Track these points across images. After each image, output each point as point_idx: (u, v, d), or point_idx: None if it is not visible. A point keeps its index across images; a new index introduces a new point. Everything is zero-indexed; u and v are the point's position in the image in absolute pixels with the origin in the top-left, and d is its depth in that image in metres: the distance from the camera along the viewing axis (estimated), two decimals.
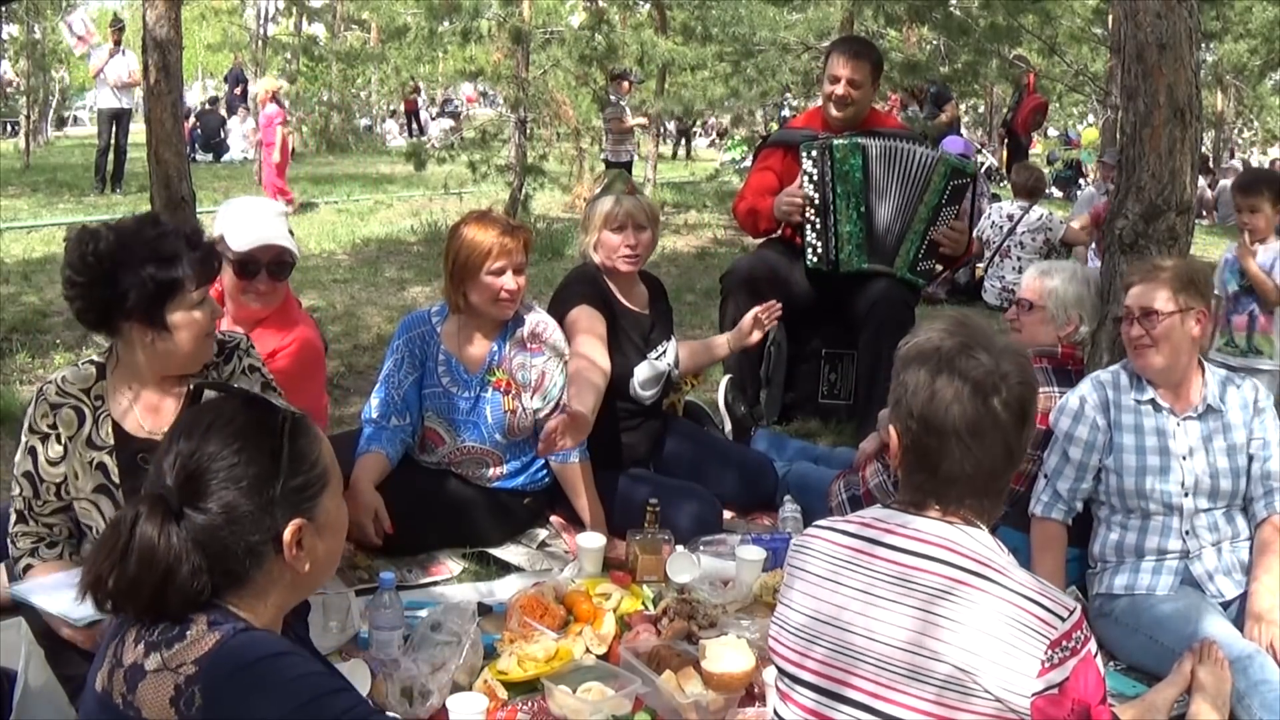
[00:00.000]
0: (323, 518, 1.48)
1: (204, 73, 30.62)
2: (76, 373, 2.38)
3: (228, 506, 1.39)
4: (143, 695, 1.33)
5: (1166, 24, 3.19)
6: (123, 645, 1.39)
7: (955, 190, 4.20)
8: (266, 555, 1.43)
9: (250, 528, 1.40)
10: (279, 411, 1.48)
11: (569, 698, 2.39)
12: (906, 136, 4.42)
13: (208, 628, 1.36)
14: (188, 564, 1.37)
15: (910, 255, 4.24)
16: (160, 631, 1.36)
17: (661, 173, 14.96)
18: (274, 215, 3.08)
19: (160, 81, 4.38)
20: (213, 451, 1.41)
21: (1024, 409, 1.70)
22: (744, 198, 4.62)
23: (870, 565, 1.70)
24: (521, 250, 3.25)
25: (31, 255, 7.88)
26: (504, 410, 3.26)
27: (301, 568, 1.45)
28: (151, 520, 1.38)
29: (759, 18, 13.19)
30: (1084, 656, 1.59)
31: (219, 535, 1.39)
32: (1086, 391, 2.87)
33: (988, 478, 1.70)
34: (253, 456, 1.42)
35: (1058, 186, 17.09)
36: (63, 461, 2.34)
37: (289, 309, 3.14)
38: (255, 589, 1.43)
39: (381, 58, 15.00)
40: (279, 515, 1.42)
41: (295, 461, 1.45)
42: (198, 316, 2.28)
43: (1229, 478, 2.76)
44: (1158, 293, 2.76)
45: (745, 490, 3.69)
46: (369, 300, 7.01)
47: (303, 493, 1.46)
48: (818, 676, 1.72)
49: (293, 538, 1.43)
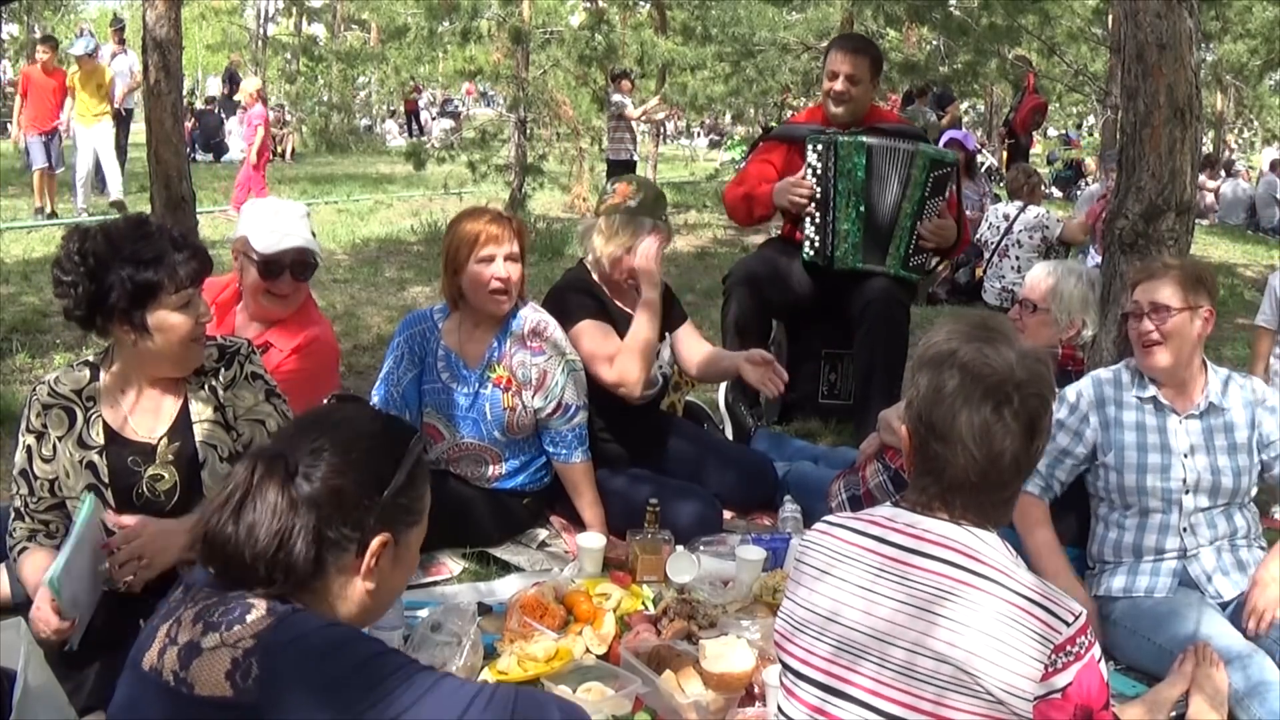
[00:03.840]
0: (404, 548, 1.52)
1: (204, 73, 30.63)
2: (69, 374, 2.40)
3: (337, 490, 1.43)
4: (196, 671, 1.35)
5: (1166, 24, 3.19)
6: (178, 626, 1.40)
7: (937, 181, 4.18)
8: (346, 556, 1.45)
9: (348, 517, 1.44)
10: (415, 433, 1.55)
11: (569, 698, 2.39)
12: (906, 134, 4.41)
13: (267, 612, 1.38)
14: (301, 524, 1.41)
15: (901, 252, 4.23)
16: (221, 613, 1.38)
17: (661, 173, 14.96)
18: (297, 217, 3.10)
19: (160, 81, 4.38)
20: (341, 438, 1.46)
21: (1033, 421, 1.66)
22: (739, 184, 4.59)
23: (873, 562, 1.70)
24: (511, 238, 3.22)
25: (31, 255, 7.89)
26: (504, 407, 3.26)
27: (369, 583, 1.47)
28: (273, 474, 1.42)
29: (759, 18, 13.22)
30: (1087, 662, 1.58)
31: (320, 512, 1.42)
32: (1084, 387, 2.87)
33: (994, 487, 1.68)
34: (376, 457, 1.48)
35: (1058, 186, 17.10)
36: (54, 460, 2.36)
37: (306, 308, 3.15)
38: (319, 593, 1.45)
39: (381, 58, 15.01)
40: (376, 521, 1.46)
41: (410, 481, 1.51)
42: (176, 320, 2.27)
43: (1230, 475, 2.76)
44: (1167, 289, 2.75)
45: (745, 490, 3.69)
46: (369, 300, 7.01)
47: (404, 513, 1.51)
48: (821, 673, 1.71)
49: (379, 547, 1.46)
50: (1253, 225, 14.73)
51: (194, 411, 2.40)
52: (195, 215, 4.54)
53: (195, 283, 2.30)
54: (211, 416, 2.41)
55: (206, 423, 2.40)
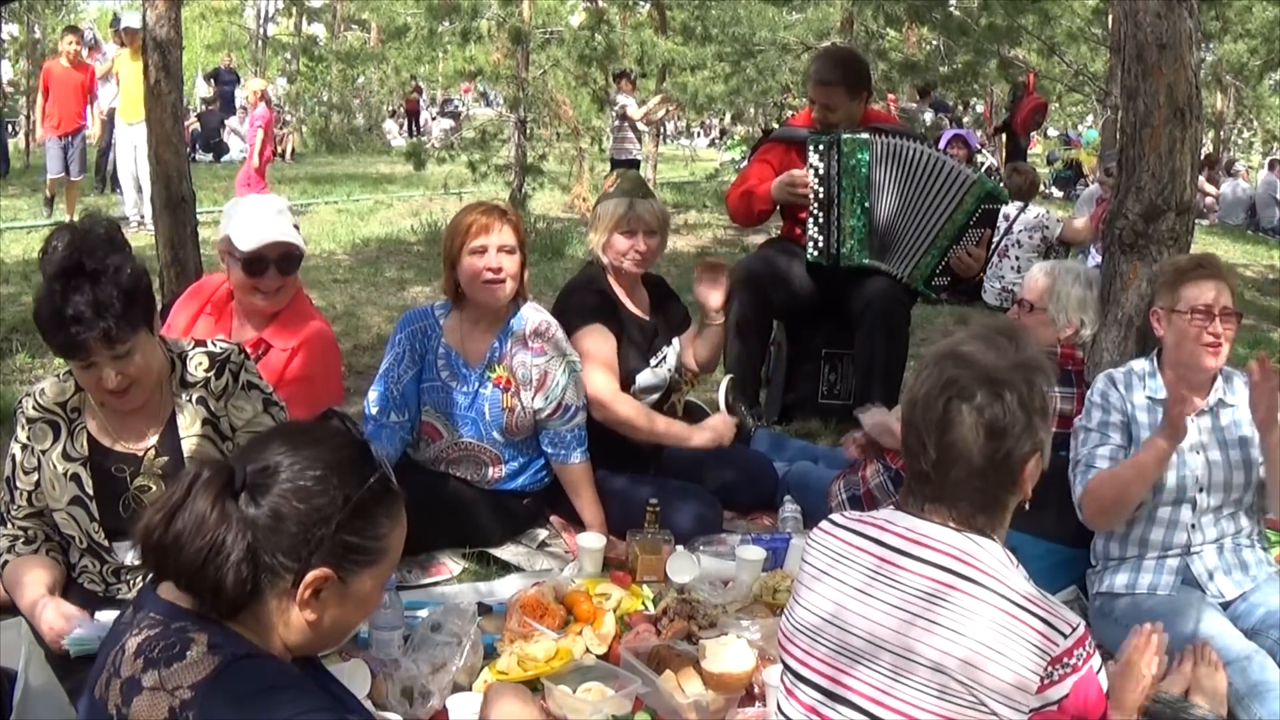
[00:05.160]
0: (354, 587, 1.44)
1: (204, 74, 30.63)
2: (55, 385, 2.36)
3: (278, 514, 1.37)
4: (137, 711, 1.32)
5: (1166, 24, 3.19)
6: (121, 655, 1.37)
7: (985, 214, 4.20)
8: (280, 584, 1.39)
9: (285, 546, 1.37)
10: (378, 471, 1.45)
11: (569, 698, 2.39)
12: (916, 137, 4.42)
13: (208, 649, 1.34)
14: (234, 543, 1.34)
15: (928, 269, 4.22)
16: (161, 649, 1.34)
17: (661, 173, 14.96)
18: (275, 212, 3.09)
19: (160, 81, 4.38)
20: (297, 462, 1.39)
21: (994, 427, 1.64)
22: (739, 184, 4.63)
23: (870, 564, 1.70)
24: (506, 230, 3.19)
25: (31, 255, 7.87)
26: (502, 408, 3.26)
27: (308, 614, 1.41)
28: (211, 486, 1.37)
29: (759, 18, 13.22)
30: (1085, 673, 1.57)
31: (256, 535, 1.36)
32: (1104, 386, 2.86)
33: (956, 486, 1.67)
34: (326, 489, 1.39)
35: (1058, 186, 17.10)
36: (35, 471, 2.34)
37: (301, 305, 3.14)
38: (258, 615, 1.40)
39: (381, 58, 15.02)
40: (315, 554, 1.39)
41: (360, 520, 1.42)
42: (86, 378, 2.21)
43: (1241, 469, 2.76)
44: (1228, 293, 2.74)
45: (745, 490, 3.69)
46: (369, 300, 7.01)
47: (350, 552, 1.42)
48: (820, 675, 1.71)
49: (313, 582, 1.39)
50: (1253, 225, 14.74)
51: (181, 424, 2.35)
52: (195, 215, 4.55)
53: (106, 344, 2.12)
54: (199, 430, 2.35)
55: (195, 436, 2.35)
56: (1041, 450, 1.69)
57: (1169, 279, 2.82)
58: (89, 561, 2.36)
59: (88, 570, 2.37)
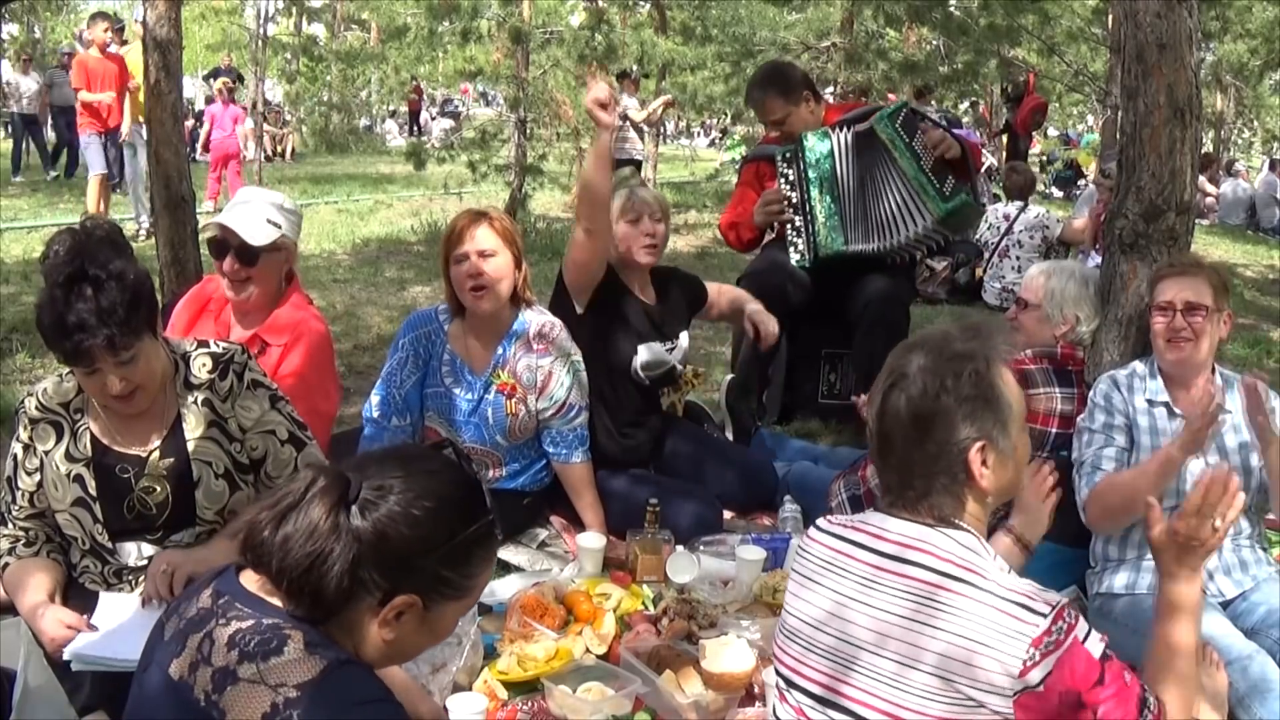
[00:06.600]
0: (435, 616, 1.47)
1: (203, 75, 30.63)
2: (58, 386, 2.35)
3: (383, 535, 1.39)
4: (230, 700, 1.33)
5: (1166, 24, 3.19)
6: (211, 644, 1.38)
7: (905, 125, 4.19)
8: (367, 599, 1.41)
9: (382, 566, 1.39)
10: (489, 513, 1.49)
11: (569, 698, 2.39)
12: (859, 117, 4.38)
13: (305, 649, 1.36)
14: (340, 554, 1.37)
15: (933, 192, 4.14)
16: (257, 643, 1.36)
17: (661, 173, 14.96)
18: (247, 203, 3.07)
19: (160, 81, 4.38)
20: (411, 489, 1.41)
21: (917, 413, 1.68)
22: (728, 213, 4.71)
23: (855, 569, 1.71)
24: (484, 233, 3.15)
25: (31, 255, 7.87)
26: (506, 414, 3.26)
27: (386, 633, 1.44)
28: (327, 496, 1.39)
29: (759, 18, 13.22)
30: (1068, 647, 1.56)
31: (360, 549, 1.38)
32: (1107, 388, 2.87)
33: (918, 481, 1.70)
34: (435, 521, 1.42)
35: (1058, 186, 17.11)
36: (37, 472, 2.32)
37: (297, 303, 3.13)
38: (344, 623, 1.42)
39: (381, 58, 15.00)
40: (408, 580, 1.42)
41: (460, 557, 1.46)
42: (90, 384, 2.20)
43: (1239, 475, 2.75)
44: (1201, 288, 2.78)
45: (745, 490, 3.69)
46: (369, 300, 7.02)
47: (442, 585, 1.45)
48: (811, 682, 1.73)
49: (400, 605, 1.42)
50: (1253, 225, 14.74)
51: (187, 426, 2.32)
52: (195, 215, 4.54)
53: (110, 351, 2.10)
54: (205, 432, 2.33)
55: (200, 438, 2.33)
56: (992, 441, 1.69)
57: (1151, 280, 2.94)
58: (90, 562, 2.35)
59: (89, 571, 2.36)
